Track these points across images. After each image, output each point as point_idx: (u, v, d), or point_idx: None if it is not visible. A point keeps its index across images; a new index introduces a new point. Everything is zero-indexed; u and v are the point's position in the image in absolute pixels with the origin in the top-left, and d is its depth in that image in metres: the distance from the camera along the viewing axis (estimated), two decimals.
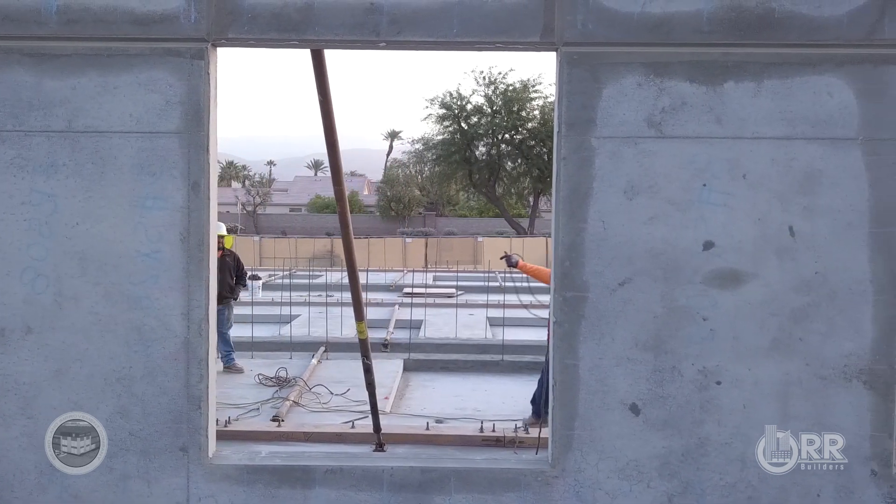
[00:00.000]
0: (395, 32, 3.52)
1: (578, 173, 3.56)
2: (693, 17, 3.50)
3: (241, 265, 9.51)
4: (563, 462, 3.60)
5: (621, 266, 3.57)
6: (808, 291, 3.55)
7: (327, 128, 4.34)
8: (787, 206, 3.54)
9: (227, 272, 9.24)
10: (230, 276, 9.26)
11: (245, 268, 9.61)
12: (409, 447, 6.44)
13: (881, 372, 3.55)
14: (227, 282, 9.21)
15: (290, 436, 6.65)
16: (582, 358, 3.58)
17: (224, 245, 9.31)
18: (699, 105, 3.53)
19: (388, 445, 6.30)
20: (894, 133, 3.50)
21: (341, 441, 6.58)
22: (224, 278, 9.17)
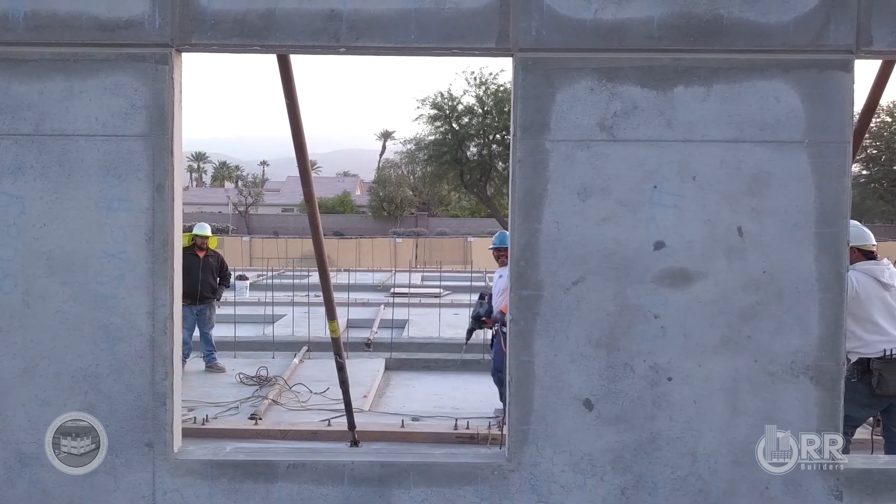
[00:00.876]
0: (354, 38, 3.62)
1: (533, 175, 3.66)
2: (644, 23, 3.61)
3: (225, 266, 9.61)
4: (520, 456, 3.70)
5: (575, 265, 3.67)
6: (757, 290, 3.66)
7: (295, 131, 4.43)
8: (736, 208, 3.64)
9: (210, 273, 9.33)
10: (213, 276, 9.35)
11: (229, 268, 9.69)
12: (384, 444, 6.56)
13: (827, 368, 3.66)
14: (209, 282, 9.30)
15: (267, 434, 6.76)
16: (537, 355, 3.69)
17: (208, 246, 9.40)
18: (650, 109, 3.63)
19: (363, 443, 6.41)
20: (839, 136, 3.61)
21: (317, 439, 6.69)
22: (207, 279, 9.27)
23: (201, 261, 9.24)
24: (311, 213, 4.82)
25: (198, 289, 9.15)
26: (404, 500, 3.71)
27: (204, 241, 9.35)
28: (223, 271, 9.51)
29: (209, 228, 9.54)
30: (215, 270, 9.37)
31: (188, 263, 9.23)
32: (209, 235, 9.42)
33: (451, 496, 3.71)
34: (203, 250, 9.32)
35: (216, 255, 9.52)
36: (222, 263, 9.55)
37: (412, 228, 53.89)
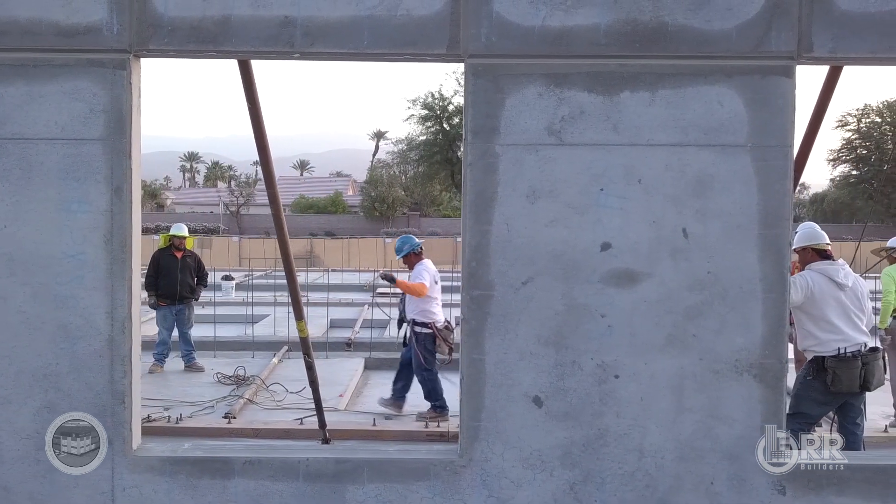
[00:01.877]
0: (308, 44, 3.70)
1: (484, 178, 3.75)
2: (591, 30, 3.70)
3: (202, 266, 9.68)
4: (471, 452, 3.79)
5: (524, 266, 3.76)
6: (701, 290, 3.75)
7: (257, 134, 4.51)
8: (681, 210, 3.74)
9: (189, 273, 9.40)
10: (191, 276, 9.42)
11: (206, 268, 9.76)
12: (356, 442, 6.64)
13: (770, 366, 3.76)
14: (188, 282, 9.37)
15: (240, 432, 6.84)
16: (488, 353, 3.78)
17: (185, 246, 9.47)
18: (597, 114, 3.72)
19: (334, 441, 6.48)
20: (781, 140, 3.71)
21: (289, 437, 6.77)
22: (185, 279, 9.34)
23: (179, 261, 9.32)
24: (275, 214, 4.89)
25: (177, 289, 9.22)
26: (358, 495, 3.80)
27: (181, 242, 9.42)
28: (200, 271, 9.58)
29: (186, 229, 9.62)
30: (193, 270, 9.44)
31: (166, 264, 9.33)
32: (186, 236, 9.49)
33: (403, 491, 3.80)
34: (181, 251, 9.39)
35: (193, 255, 9.59)
36: (199, 263, 9.62)
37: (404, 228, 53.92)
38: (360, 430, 6.83)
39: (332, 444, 6.39)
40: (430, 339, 7.41)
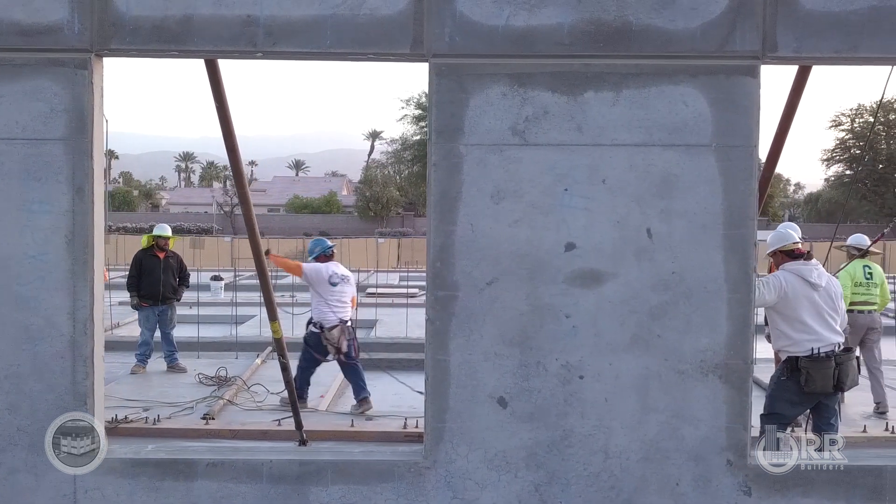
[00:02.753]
0: (270, 44, 3.68)
1: (448, 179, 3.73)
2: (554, 30, 3.69)
3: (184, 266, 9.64)
4: (436, 454, 3.78)
5: (489, 266, 3.75)
6: (666, 290, 3.74)
7: (226, 134, 4.48)
8: (645, 210, 3.73)
9: (171, 273, 9.36)
10: (174, 276, 9.38)
11: (188, 268, 9.73)
12: (333, 443, 6.60)
13: (736, 366, 3.75)
14: (170, 283, 9.33)
15: (217, 433, 6.80)
16: (452, 354, 3.76)
17: (167, 246, 9.44)
18: (561, 114, 3.71)
19: (311, 442, 6.46)
20: (745, 140, 3.70)
21: (267, 438, 6.73)
22: (168, 279, 9.30)
23: (161, 261, 9.28)
24: (246, 216, 4.87)
25: (159, 290, 9.19)
26: (322, 497, 3.78)
27: (165, 242, 9.39)
28: (182, 271, 9.54)
29: (169, 229, 9.58)
30: (175, 271, 9.40)
31: (149, 265, 9.28)
32: (169, 236, 9.46)
33: (368, 493, 3.78)
34: (163, 251, 9.35)
35: (176, 256, 9.55)
36: (181, 264, 9.58)
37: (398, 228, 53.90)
38: (338, 430, 6.80)
39: (309, 445, 6.37)
40: (314, 337, 7.92)
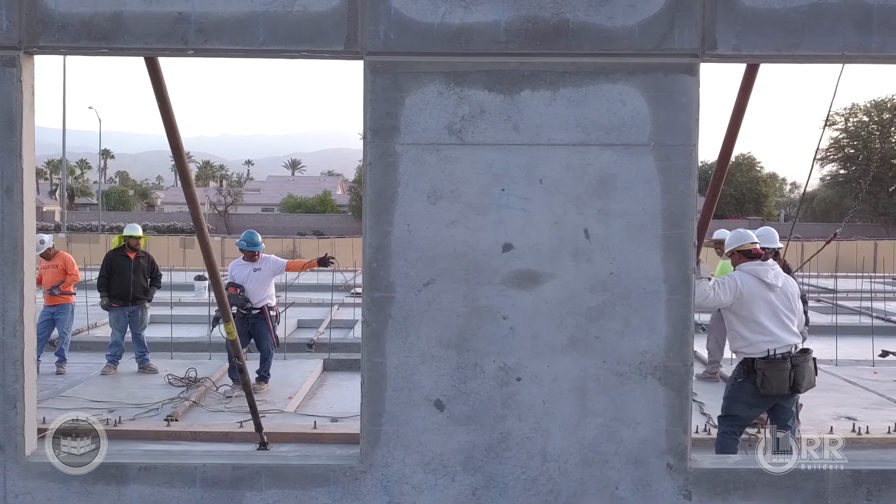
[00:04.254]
0: (202, 41, 3.63)
1: (384, 178, 3.68)
2: (490, 27, 3.63)
3: (156, 266, 9.57)
4: (371, 457, 3.72)
5: (426, 267, 3.69)
6: (604, 291, 3.69)
7: (170, 133, 4.42)
8: (583, 210, 3.68)
9: (142, 274, 9.30)
10: (144, 277, 9.32)
11: (160, 269, 9.66)
12: (295, 445, 6.54)
13: (675, 369, 3.70)
14: (141, 283, 9.27)
15: (178, 435, 6.74)
16: (389, 356, 3.71)
17: (139, 246, 9.37)
18: (497, 113, 3.65)
19: (273, 444, 6.40)
20: (684, 139, 3.65)
21: (228, 440, 6.68)
22: (138, 280, 9.24)
23: (132, 262, 9.22)
24: (194, 216, 4.81)
25: (129, 290, 9.13)
26: (256, 502, 3.72)
27: (136, 243, 9.33)
28: (154, 272, 9.48)
29: (140, 229, 9.52)
30: (146, 271, 9.34)
31: (119, 265, 9.22)
32: (140, 236, 9.40)
33: (302, 498, 3.73)
34: (134, 251, 9.29)
35: (147, 256, 9.49)
36: (153, 264, 9.52)
37: None
38: (301, 433, 6.74)
39: (270, 447, 6.31)
40: (274, 318, 8.75)
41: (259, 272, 8.57)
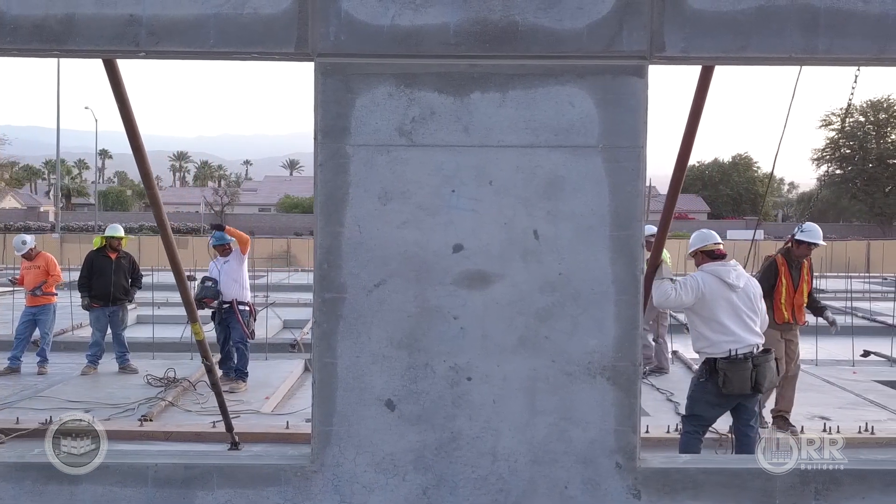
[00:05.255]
0: (153, 43, 3.65)
1: (334, 179, 3.70)
2: (440, 29, 3.66)
3: (137, 267, 9.61)
4: (323, 457, 3.75)
5: (377, 268, 3.72)
6: (553, 292, 3.71)
7: (130, 135, 4.45)
8: (532, 211, 3.70)
9: (123, 274, 9.34)
10: (125, 277, 9.36)
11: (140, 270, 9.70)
12: (266, 445, 6.59)
13: (624, 368, 3.73)
14: (122, 284, 9.32)
15: (151, 435, 6.78)
16: (340, 356, 3.73)
17: (120, 247, 9.41)
18: (447, 115, 3.68)
19: (245, 445, 6.44)
20: (632, 141, 3.68)
21: (200, 440, 6.71)
22: (119, 280, 9.28)
23: (113, 262, 9.26)
24: (157, 216, 4.83)
25: (110, 290, 9.18)
26: (208, 501, 3.75)
27: (118, 243, 9.37)
28: (135, 272, 9.52)
29: (122, 230, 9.56)
30: (127, 272, 9.38)
31: (100, 265, 9.27)
32: (122, 237, 9.43)
33: (254, 497, 3.75)
34: (115, 252, 9.33)
35: (128, 256, 9.53)
36: (134, 264, 9.56)
37: None
38: (273, 433, 6.79)
39: (242, 447, 6.35)
40: (246, 314, 9.00)
41: (228, 264, 9.03)
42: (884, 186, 66.03)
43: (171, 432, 6.79)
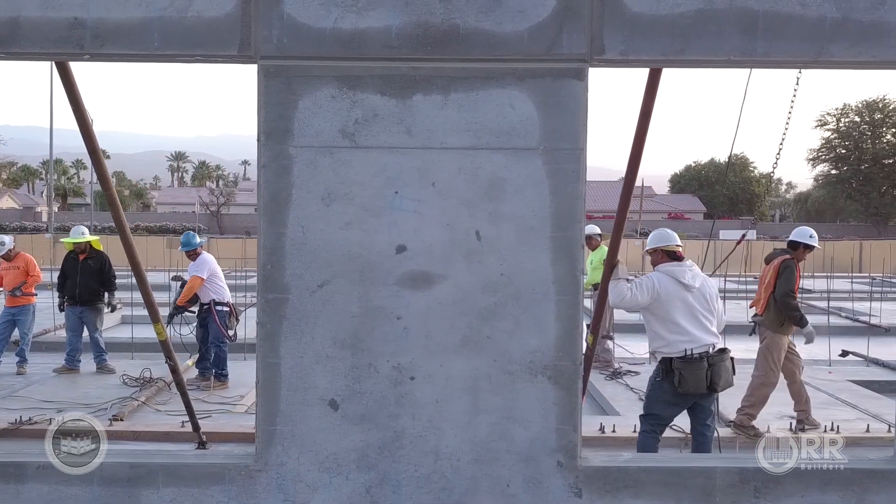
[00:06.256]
0: (98, 46, 3.68)
1: (278, 180, 3.73)
2: (382, 32, 3.69)
3: (107, 269, 9.62)
4: (266, 456, 3.78)
5: (320, 269, 3.75)
6: (495, 292, 3.75)
7: (85, 137, 4.47)
8: (475, 213, 3.73)
9: (89, 275, 9.41)
10: (93, 279, 9.42)
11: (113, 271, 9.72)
12: (235, 445, 6.62)
13: (565, 368, 3.76)
14: (88, 285, 9.39)
15: (120, 434, 6.81)
16: (283, 357, 3.76)
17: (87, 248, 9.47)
18: (390, 117, 3.71)
19: (213, 444, 6.47)
20: (573, 143, 3.71)
21: (168, 440, 6.75)
22: (85, 281, 9.35)
23: (80, 264, 9.36)
24: (115, 217, 4.86)
25: (76, 291, 9.29)
26: (153, 500, 3.78)
27: (84, 245, 9.47)
28: (104, 274, 9.54)
29: (85, 232, 9.63)
30: (95, 273, 9.43)
31: (68, 267, 9.36)
32: (78, 240, 9.48)
33: (199, 496, 3.78)
34: (84, 253, 9.43)
35: (98, 258, 9.57)
36: (103, 265, 9.58)
37: None
38: (241, 432, 6.82)
39: (209, 447, 6.38)
40: (225, 315, 9.09)
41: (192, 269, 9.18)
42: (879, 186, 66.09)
43: (140, 432, 6.82)
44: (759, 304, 7.33)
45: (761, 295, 7.30)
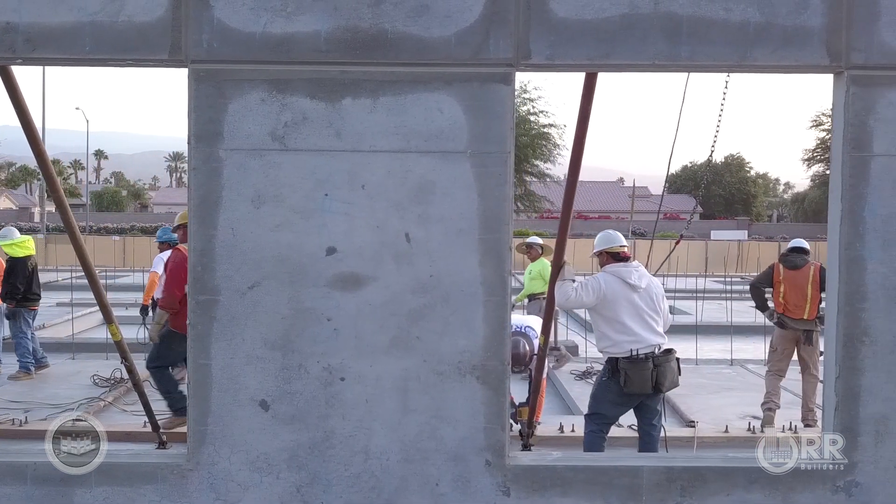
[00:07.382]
0: (30, 50, 3.72)
1: (208, 183, 3.78)
2: (311, 36, 3.73)
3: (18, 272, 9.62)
4: (198, 456, 3.82)
5: (251, 270, 3.79)
6: (424, 293, 3.79)
7: (31, 141, 4.50)
8: (404, 215, 3.78)
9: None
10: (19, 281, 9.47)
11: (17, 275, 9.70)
12: None
13: (493, 368, 3.81)
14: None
15: None
16: (214, 358, 3.80)
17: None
18: (320, 120, 3.76)
19: (174, 445, 6.50)
20: (500, 147, 3.76)
21: (130, 440, 6.79)
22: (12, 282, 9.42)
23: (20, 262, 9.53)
24: (64, 220, 4.90)
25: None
26: (86, 498, 3.82)
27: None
28: (12, 276, 9.57)
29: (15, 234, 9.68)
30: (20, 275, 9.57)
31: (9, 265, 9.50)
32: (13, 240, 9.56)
33: (132, 495, 3.83)
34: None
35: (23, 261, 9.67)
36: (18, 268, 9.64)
37: None
38: None
39: (170, 447, 6.41)
40: None
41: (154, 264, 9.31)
42: None
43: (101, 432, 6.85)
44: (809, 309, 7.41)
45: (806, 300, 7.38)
